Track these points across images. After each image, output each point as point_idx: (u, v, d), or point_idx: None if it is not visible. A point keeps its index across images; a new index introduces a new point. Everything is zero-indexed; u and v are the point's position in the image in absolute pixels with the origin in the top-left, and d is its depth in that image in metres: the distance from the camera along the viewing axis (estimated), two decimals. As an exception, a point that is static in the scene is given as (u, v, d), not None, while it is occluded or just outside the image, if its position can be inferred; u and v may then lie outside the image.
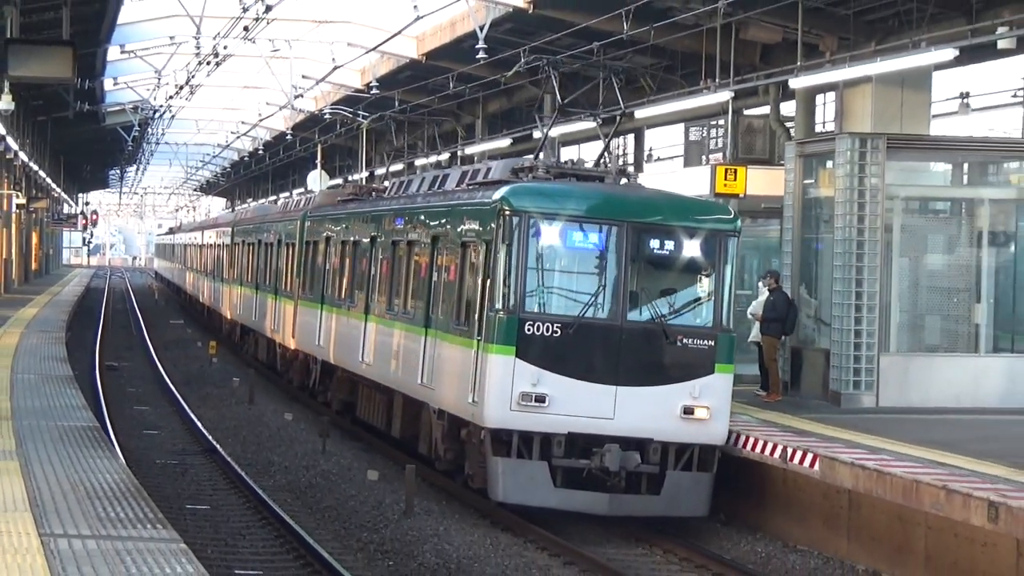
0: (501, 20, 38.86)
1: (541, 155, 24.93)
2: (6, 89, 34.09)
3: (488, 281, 20.86)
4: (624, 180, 23.56)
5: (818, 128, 33.64)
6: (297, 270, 36.80)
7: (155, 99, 63.45)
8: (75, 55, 26.83)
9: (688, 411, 20.29)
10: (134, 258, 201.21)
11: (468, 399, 21.09)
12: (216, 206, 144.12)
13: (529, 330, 20.21)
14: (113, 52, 50.93)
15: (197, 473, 25.72)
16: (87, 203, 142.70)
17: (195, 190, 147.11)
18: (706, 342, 20.50)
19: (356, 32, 50.50)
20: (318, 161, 65.96)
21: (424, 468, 24.53)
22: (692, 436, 20.44)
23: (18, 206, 69.67)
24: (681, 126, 42.87)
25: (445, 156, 54.99)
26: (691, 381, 20.37)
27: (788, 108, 34.65)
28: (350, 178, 63.62)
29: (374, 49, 48.79)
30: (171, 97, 60.79)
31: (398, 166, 58.57)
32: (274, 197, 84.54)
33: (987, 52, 27.95)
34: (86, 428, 20.42)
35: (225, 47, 45.78)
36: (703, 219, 21.12)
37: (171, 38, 49.34)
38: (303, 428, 31.52)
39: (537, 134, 44.03)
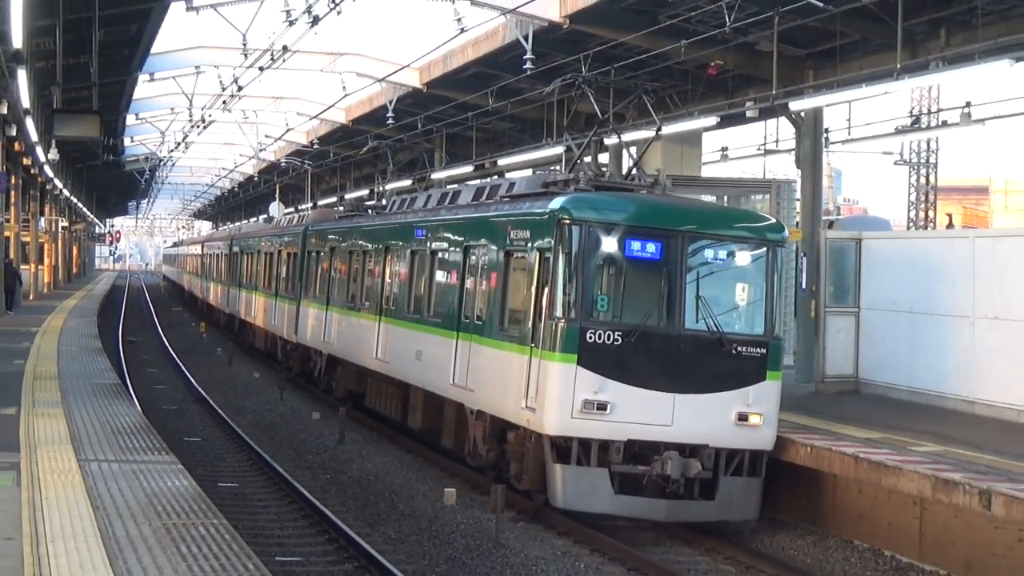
0: (404, 96, 38.87)
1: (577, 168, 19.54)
2: (53, 145, 33.66)
3: (546, 290, 15.54)
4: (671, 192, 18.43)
5: (624, 172, 33.88)
6: (300, 275, 31.14)
7: (161, 152, 62.75)
8: (102, 121, 26.54)
9: (742, 418, 15.36)
10: (146, 264, 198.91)
11: (520, 404, 15.74)
12: (205, 227, 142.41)
13: (591, 338, 15.02)
14: (130, 119, 50.34)
15: (191, 415, 25.51)
16: (112, 225, 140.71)
17: (190, 216, 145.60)
18: (759, 350, 15.49)
19: (303, 105, 50.43)
20: (276, 195, 65.56)
21: (353, 412, 24.41)
22: (745, 442, 15.46)
23: (63, 228, 68.96)
24: (529, 171, 43.03)
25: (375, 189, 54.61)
26: (745, 388, 15.41)
27: (604, 158, 34.86)
28: (309, 204, 63.01)
29: (316, 117, 48.79)
30: (172, 151, 60.18)
31: (331, 199, 58.25)
32: (254, 219, 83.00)
33: (739, 119, 28.24)
34: (111, 385, 20.19)
35: (210, 115, 45.43)
36: (755, 229, 16.05)
37: (172, 109, 48.87)
38: (267, 383, 31.35)
39: (435, 175, 43.90)
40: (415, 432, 21.38)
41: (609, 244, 15.40)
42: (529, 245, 16.33)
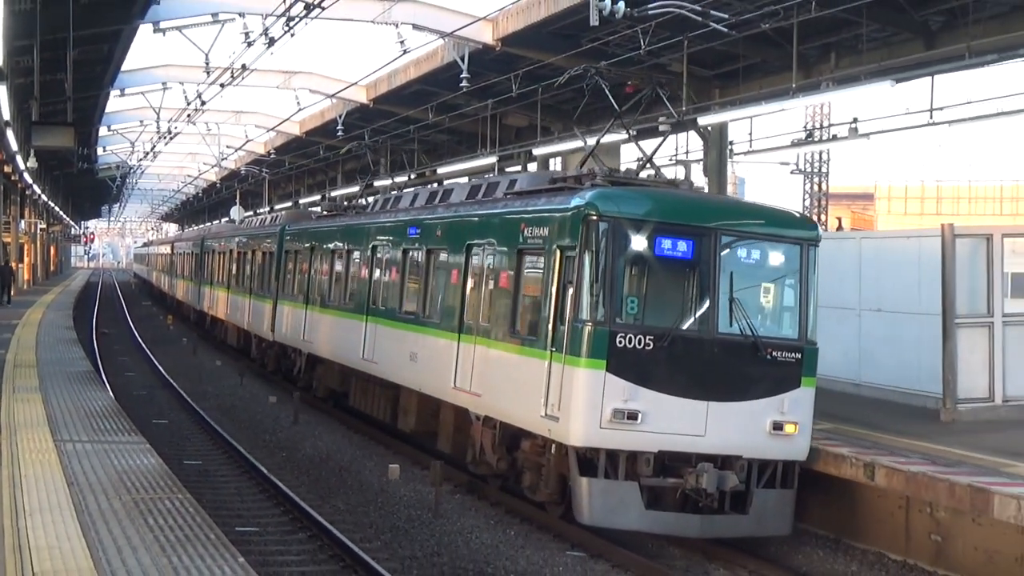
0: (353, 111, 38.83)
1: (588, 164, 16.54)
2: (32, 154, 33.20)
3: (569, 290, 13.10)
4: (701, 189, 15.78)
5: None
6: (276, 274, 27.94)
7: (131, 160, 62.10)
8: (76, 132, 26.26)
9: (777, 427, 13.03)
10: (118, 263, 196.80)
11: (539, 413, 13.27)
12: (172, 229, 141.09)
13: (620, 343, 12.56)
14: (103, 130, 49.82)
15: (159, 400, 25.29)
16: (87, 227, 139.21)
17: (158, 219, 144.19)
18: (794, 355, 13.14)
19: (261, 118, 50.16)
20: (237, 200, 65.11)
21: (307, 395, 24.27)
22: (779, 452, 13.18)
23: (41, 229, 68.17)
24: (466, 178, 43.01)
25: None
26: (780, 395, 13.07)
27: (532, 167, 34.94)
28: (267, 208, 62.56)
29: (272, 129, 48.54)
30: (141, 159, 59.57)
31: (287, 203, 57.97)
32: (217, 221, 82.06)
33: (653, 132, 28.39)
34: (86, 372, 19.98)
35: (176, 127, 45.02)
36: (789, 227, 13.60)
37: (140, 121, 48.40)
38: (228, 370, 31.11)
39: (376, 183, 43.72)
40: (406, 435, 19.13)
41: (639, 242, 12.92)
42: (547, 244, 13.82)
